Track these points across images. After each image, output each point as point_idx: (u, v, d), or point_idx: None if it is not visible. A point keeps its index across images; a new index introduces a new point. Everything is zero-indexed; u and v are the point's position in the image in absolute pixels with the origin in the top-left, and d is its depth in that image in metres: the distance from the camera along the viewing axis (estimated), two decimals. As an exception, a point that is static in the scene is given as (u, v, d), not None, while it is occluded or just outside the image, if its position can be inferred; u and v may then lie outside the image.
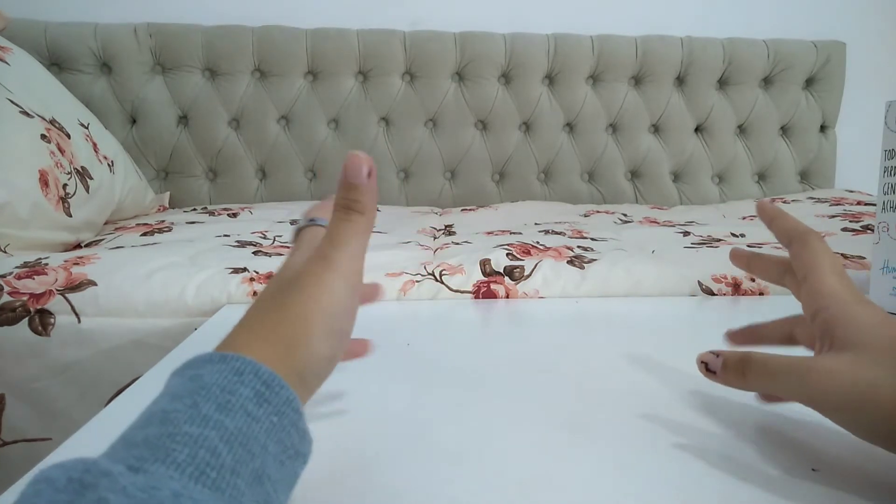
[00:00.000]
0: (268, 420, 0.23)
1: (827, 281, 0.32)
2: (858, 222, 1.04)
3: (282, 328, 0.27)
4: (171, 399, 0.23)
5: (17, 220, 0.82)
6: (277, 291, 0.29)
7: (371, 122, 1.42)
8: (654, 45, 1.46)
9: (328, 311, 0.28)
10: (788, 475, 0.31)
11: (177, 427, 0.21)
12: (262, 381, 0.24)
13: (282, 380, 0.24)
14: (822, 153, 1.56)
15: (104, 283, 0.71)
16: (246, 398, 0.23)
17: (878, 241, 0.61)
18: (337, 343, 0.28)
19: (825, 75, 1.53)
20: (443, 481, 0.31)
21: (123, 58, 1.32)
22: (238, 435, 0.22)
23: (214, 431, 0.21)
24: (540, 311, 0.65)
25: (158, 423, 0.21)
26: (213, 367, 0.24)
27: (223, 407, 0.22)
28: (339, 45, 1.38)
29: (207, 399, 0.22)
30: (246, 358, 0.24)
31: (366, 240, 0.30)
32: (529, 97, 1.44)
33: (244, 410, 0.23)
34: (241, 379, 0.23)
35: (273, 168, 1.41)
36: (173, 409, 0.22)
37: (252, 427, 0.22)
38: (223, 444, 0.21)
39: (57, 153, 0.92)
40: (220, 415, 0.22)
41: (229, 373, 0.24)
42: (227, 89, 1.36)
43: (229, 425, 0.22)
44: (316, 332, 0.27)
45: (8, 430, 0.70)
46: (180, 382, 0.24)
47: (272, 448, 0.23)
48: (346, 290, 0.28)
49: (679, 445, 0.34)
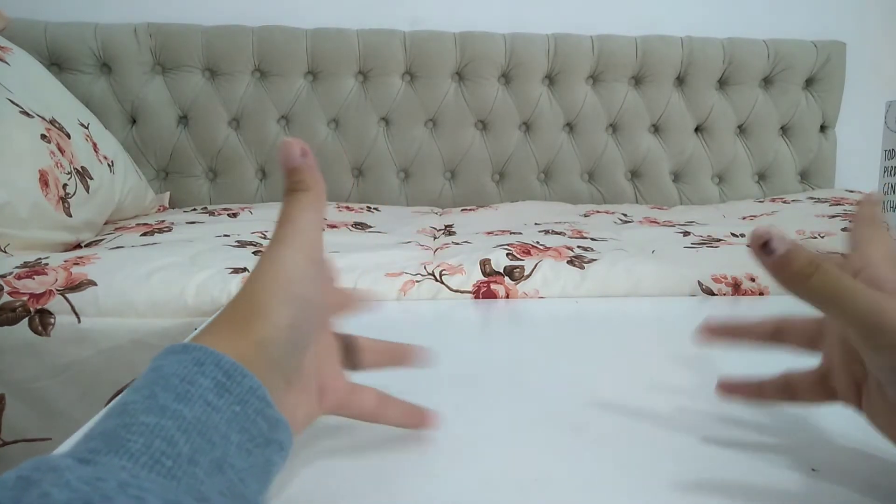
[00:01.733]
0: (229, 410, 0.23)
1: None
2: (858, 222, 1.04)
3: (239, 307, 0.27)
4: (131, 391, 0.23)
5: (17, 219, 0.82)
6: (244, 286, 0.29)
7: (371, 122, 1.42)
8: (654, 45, 1.46)
9: (281, 279, 0.27)
10: (788, 475, 0.31)
11: (133, 417, 0.21)
12: (223, 371, 0.24)
13: (245, 369, 0.24)
14: (822, 153, 1.56)
15: (104, 283, 0.71)
16: (206, 388, 0.23)
17: (878, 241, 0.61)
18: (298, 310, 0.27)
19: (825, 75, 1.53)
20: (443, 481, 0.31)
21: (123, 58, 1.32)
22: (196, 424, 0.22)
23: (171, 421, 0.21)
24: (540, 311, 0.65)
25: (116, 415, 0.22)
26: (174, 357, 0.24)
27: (182, 397, 0.22)
28: (339, 45, 1.38)
29: (166, 389, 0.22)
30: (207, 348, 0.24)
31: (316, 213, 0.30)
32: (529, 97, 1.44)
33: (203, 400, 0.22)
34: (201, 369, 0.23)
35: (273, 168, 1.41)
36: (131, 400, 0.22)
37: (212, 416, 0.22)
38: (180, 434, 0.21)
39: (57, 153, 0.92)
40: (177, 405, 0.22)
41: (189, 363, 0.23)
42: (227, 89, 1.36)
43: (187, 415, 0.22)
44: (271, 301, 0.27)
45: (8, 429, 0.70)
46: (142, 375, 0.24)
47: (234, 437, 0.23)
48: (300, 258, 0.28)
49: (679, 445, 0.34)
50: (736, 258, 0.80)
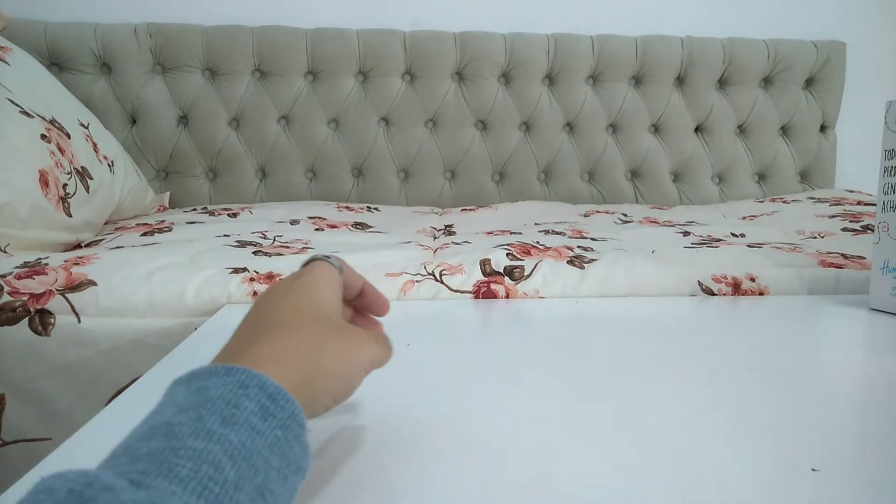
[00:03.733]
0: (272, 434, 0.23)
1: None
2: (858, 222, 1.04)
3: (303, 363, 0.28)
4: (176, 411, 0.23)
5: (17, 219, 0.82)
6: (300, 317, 0.30)
7: (371, 122, 1.42)
8: (654, 45, 1.46)
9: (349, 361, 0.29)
10: (788, 475, 0.31)
11: (181, 441, 0.21)
12: (268, 395, 0.24)
13: (287, 393, 0.24)
14: (822, 153, 1.56)
15: (104, 283, 0.71)
16: (250, 412, 0.23)
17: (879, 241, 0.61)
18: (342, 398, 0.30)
19: (825, 75, 1.53)
20: (442, 481, 0.31)
21: (123, 58, 1.32)
22: (242, 449, 0.22)
23: (218, 446, 0.21)
24: (540, 311, 0.65)
25: (162, 437, 0.21)
26: (218, 379, 0.24)
27: (228, 421, 0.22)
28: (339, 45, 1.38)
29: (212, 412, 0.22)
30: (251, 370, 0.24)
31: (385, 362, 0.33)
32: (529, 97, 1.44)
33: (248, 424, 0.23)
34: (246, 392, 0.23)
35: (273, 168, 1.41)
36: (178, 421, 0.22)
37: (256, 441, 0.22)
38: (227, 459, 0.21)
39: (57, 153, 0.92)
40: (224, 429, 0.22)
41: (234, 385, 0.23)
42: (227, 89, 1.37)
43: (233, 440, 0.22)
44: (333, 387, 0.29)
45: (8, 429, 0.70)
46: (185, 394, 0.24)
47: (275, 462, 0.23)
48: (367, 368, 0.31)
49: (679, 445, 0.34)
50: (736, 258, 0.80)
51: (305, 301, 0.30)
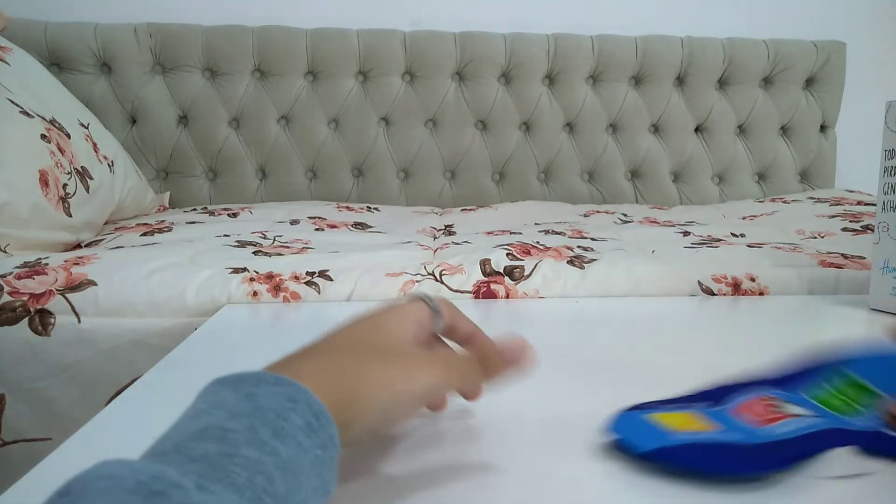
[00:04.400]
0: (313, 453, 0.23)
1: None
2: (858, 222, 1.04)
3: (351, 376, 0.27)
4: (227, 416, 0.23)
5: (17, 220, 0.82)
6: (352, 343, 0.29)
7: (371, 122, 1.42)
8: (654, 45, 1.46)
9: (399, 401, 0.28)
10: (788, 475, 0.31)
11: (235, 448, 0.21)
12: (313, 412, 0.24)
13: (328, 414, 0.24)
14: (822, 153, 1.56)
15: (104, 283, 0.71)
16: (298, 427, 0.23)
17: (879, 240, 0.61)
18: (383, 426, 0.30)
19: (825, 75, 1.53)
20: (442, 481, 0.31)
21: (123, 58, 1.32)
22: (290, 464, 0.22)
23: (270, 457, 0.21)
24: (540, 311, 0.65)
25: (217, 441, 0.21)
26: (267, 388, 0.24)
27: (278, 433, 0.22)
28: (339, 45, 1.38)
29: (264, 423, 0.22)
30: (300, 385, 0.24)
31: (459, 384, 0.32)
32: (529, 97, 1.44)
33: (295, 440, 0.23)
34: (294, 406, 0.23)
35: (273, 168, 1.41)
36: (231, 427, 0.22)
37: (301, 457, 0.22)
38: (278, 471, 0.21)
39: (57, 153, 0.92)
40: (275, 441, 0.22)
41: (283, 398, 0.24)
42: (227, 89, 1.37)
43: (283, 453, 0.22)
44: (374, 408, 0.27)
45: (8, 429, 0.70)
46: (235, 399, 0.24)
47: (313, 482, 0.23)
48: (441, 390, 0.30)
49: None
50: (736, 258, 0.80)
51: (366, 330, 0.30)
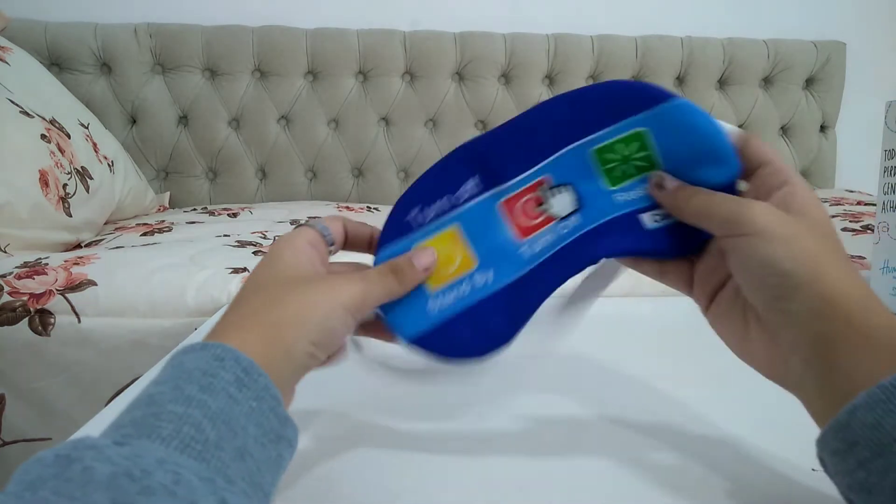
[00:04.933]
0: (247, 404, 0.24)
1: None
2: (858, 222, 1.04)
3: (273, 309, 0.28)
4: (154, 384, 0.24)
5: (18, 219, 0.82)
6: (256, 285, 0.29)
7: (371, 122, 1.42)
8: (653, 44, 1.46)
9: (327, 305, 0.28)
10: (788, 475, 0.31)
11: (161, 406, 0.22)
12: (242, 368, 0.25)
13: (259, 367, 0.25)
14: (822, 153, 1.56)
15: (104, 283, 0.71)
16: (227, 381, 0.24)
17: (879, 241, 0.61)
18: (328, 340, 0.28)
19: (825, 75, 1.53)
20: (442, 481, 0.31)
21: (123, 58, 1.32)
22: (221, 414, 0.23)
23: (198, 410, 0.22)
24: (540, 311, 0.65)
25: (144, 405, 0.23)
26: (194, 354, 0.25)
27: (206, 388, 0.23)
28: (339, 45, 1.38)
29: (190, 382, 0.23)
30: (226, 345, 0.25)
31: (384, 300, 0.31)
32: (530, 97, 1.44)
33: (226, 392, 0.23)
34: (222, 364, 0.24)
35: (273, 168, 1.41)
36: (157, 391, 0.23)
37: (233, 408, 0.23)
38: (207, 421, 0.22)
39: (57, 153, 0.92)
40: (203, 395, 0.23)
41: (210, 358, 0.24)
42: (227, 89, 1.36)
43: (212, 405, 0.23)
44: (312, 320, 0.27)
45: (8, 429, 0.70)
46: (163, 370, 0.25)
47: (252, 430, 0.24)
48: (348, 304, 0.29)
49: (679, 445, 0.34)
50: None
51: (263, 269, 0.30)
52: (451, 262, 0.32)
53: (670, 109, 0.30)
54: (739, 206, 0.28)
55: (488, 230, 0.32)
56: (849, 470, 0.23)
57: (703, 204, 0.29)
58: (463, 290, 0.32)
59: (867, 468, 0.22)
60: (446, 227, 0.32)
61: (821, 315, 0.25)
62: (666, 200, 0.31)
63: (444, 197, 0.32)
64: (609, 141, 0.31)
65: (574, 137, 0.32)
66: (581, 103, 0.32)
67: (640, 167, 0.31)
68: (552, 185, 0.32)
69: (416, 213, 0.32)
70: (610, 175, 0.32)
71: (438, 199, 0.32)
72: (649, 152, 0.31)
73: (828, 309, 0.25)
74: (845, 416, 0.23)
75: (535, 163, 0.32)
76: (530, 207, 0.32)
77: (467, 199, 0.32)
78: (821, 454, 0.25)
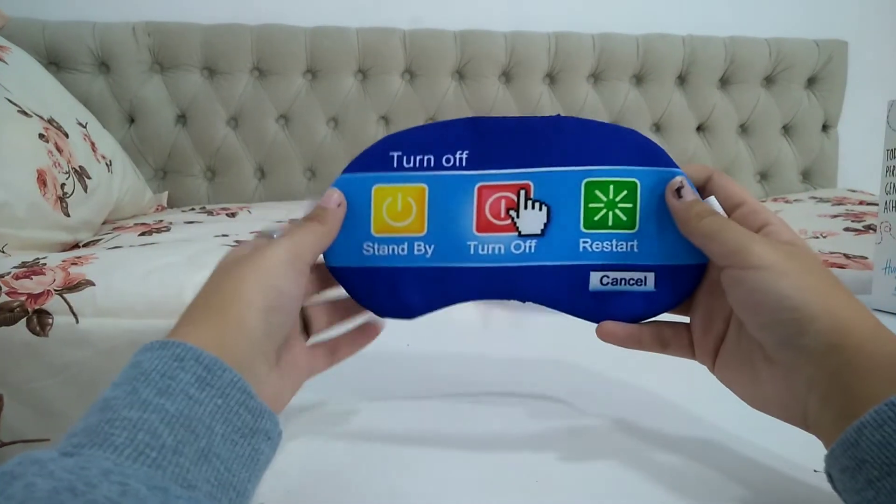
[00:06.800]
0: (211, 403, 0.23)
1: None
2: (861, 222, 1.04)
3: (214, 294, 0.28)
4: (112, 387, 0.23)
5: (15, 219, 0.81)
6: (211, 279, 0.29)
7: (370, 120, 1.41)
8: (655, 43, 1.46)
9: (260, 269, 0.28)
10: (788, 475, 0.31)
11: (115, 413, 0.22)
12: (203, 366, 0.24)
13: (224, 363, 0.25)
14: (824, 153, 1.55)
15: (102, 284, 0.70)
16: (187, 383, 0.23)
17: (881, 240, 0.61)
18: (274, 298, 0.28)
19: (827, 74, 1.52)
20: (442, 483, 0.31)
21: (122, 57, 1.31)
22: (179, 417, 0.22)
23: (155, 415, 0.22)
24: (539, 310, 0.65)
25: (98, 411, 0.22)
26: (153, 353, 0.24)
27: (163, 391, 0.23)
28: (339, 44, 1.37)
29: (147, 384, 0.23)
30: (186, 344, 0.24)
31: (316, 240, 0.31)
32: (530, 96, 1.44)
33: (185, 394, 0.23)
34: (181, 364, 0.24)
35: (272, 167, 1.40)
36: (112, 396, 0.23)
37: (194, 409, 0.23)
38: (164, 426, 0.22)
39: (55, 152, 0.92)
40: (160, 399, 0.22)
41: (169, 359, 0.24)
42: (225, 88, 1.36)
43: (170, 409, 0.22)
44: (248, 287, 0.28)
45: (6, 430, 0.70)
46: (123, 371, 0.24)
47: (219, 428, 0.23)
48: (283, 256, 0.29)
49: (679, 445, 0.34)
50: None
51: (213, 275, 0.30)
52: (405, 216, 0.32)
53: (669, 175, 0.31)
54: (751, 239, 0.27)
55: (451, 207, 0.32)
56: (857, 488, 0.23)
57: (717, 227, 0.29)
58: (399, 250, 0.32)
59: (876, 487, 0.22)
60: (416, 183, 0.32)
61: (836, 348, 0.25)
62: (678, 209, 0.30)
63: (430, 154, 0.32)
64: (604, 178, 0.32)
65: (577, 161, 0.32)
66: (599, 135, 0.32)
67: (617, 221, 0.32)
68: (531, 196, 0.32)
69: (398, 154, 0.32)
70: (588, 214, 0.32)
71: (424, 154, 0.32)
72: (633, 206, 0.31)
73: (842, 341, 0.25)
74: (853, 433, 0.23)
75: (530, 165, 0.32)
76: (501, 206, 0.32)
77: (449, 168, 0.32)
78: (829, 469, 0.25)
